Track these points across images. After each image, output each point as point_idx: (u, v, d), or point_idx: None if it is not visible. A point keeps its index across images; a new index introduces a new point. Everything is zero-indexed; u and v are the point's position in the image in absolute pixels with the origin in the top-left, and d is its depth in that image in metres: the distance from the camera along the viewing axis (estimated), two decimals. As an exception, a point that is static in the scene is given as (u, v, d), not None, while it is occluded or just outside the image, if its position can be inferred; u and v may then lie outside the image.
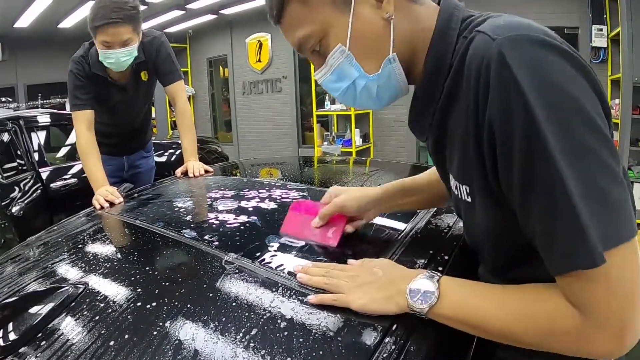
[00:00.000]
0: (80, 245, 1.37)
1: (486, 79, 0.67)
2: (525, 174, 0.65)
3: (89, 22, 2.19)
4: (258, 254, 1.13)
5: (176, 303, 0.93)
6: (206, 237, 1.28)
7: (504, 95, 0.65)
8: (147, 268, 1.13)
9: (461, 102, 0.76)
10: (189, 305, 0.92)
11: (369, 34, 0.82)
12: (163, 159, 4.67)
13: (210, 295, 0.96)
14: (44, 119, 4.13)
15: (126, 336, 0.84)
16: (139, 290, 1.01)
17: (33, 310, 0.98)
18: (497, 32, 0.68)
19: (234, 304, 0.91)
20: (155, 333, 0.84)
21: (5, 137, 3.70)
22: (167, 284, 1.03)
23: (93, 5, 2.19)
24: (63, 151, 4.34)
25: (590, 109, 0.64)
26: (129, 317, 0.90)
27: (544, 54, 0.65)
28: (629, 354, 1.00)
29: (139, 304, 0.95)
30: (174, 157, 4.74)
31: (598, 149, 0.63)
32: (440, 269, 1.06)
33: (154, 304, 0.94)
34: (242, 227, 1.35)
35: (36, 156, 3.73)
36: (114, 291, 1.03)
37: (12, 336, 0.91)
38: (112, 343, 0.83)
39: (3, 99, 9.87)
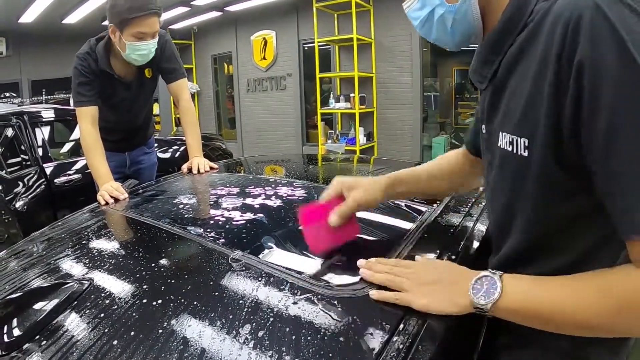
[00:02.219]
0: (85, 241, 1.36)
1: (577, 24, 0.66)
2: (618, 112, 0.63)
3: (120, 14, 2.16)
4: (265, 252, 1.13)
5: (182, 300, 0.93)
6: (212, 233, 1.28)
7: (599, 37, 0.64)
8: (152, 264, 1.12)
9: (531, 59, 0.77)
10: (195, 303, 0.92)
11: None
12: (167, 155, 4.68)
13: (216, 292, 0.96)
14: (48, 114, 4.13)
15: (132, 333, 0.84)
16: (145, 286, 1.00)
17: (38, 306, 0.98)
18: None
19: (240, 301, 0.91)
20: (161, 330, 0.83)
21: (10, 132, 3.70)
22: (173, 280, 1.02)
23: None
24: (67, 147, 4.33)
25: None
26: (134, 314, 0.90)
27: (630, 13, 0.64)
28: (629, 354, 1.00)
29: (144, 300, 0.94)
30: (178, 153, 4.74)
31: None
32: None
33: (159, 300, 0.93)
34: (248, 224, 1.34)
35: (40, 151, 3.73)
36: (119, 288, 1.03)
37: (16, 332, 0.91)
38: (118, 339, 0.82)
39: (7, 94, 9.90)
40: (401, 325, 0.84)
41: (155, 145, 3.35)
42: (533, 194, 0.82)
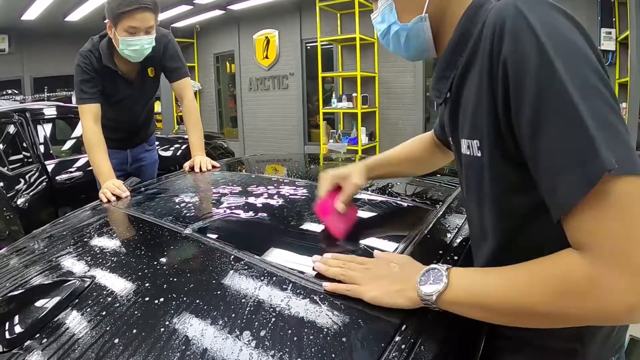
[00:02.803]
0: (86, 239, 1.36)
1: (502, 26, 0.73)
2: (538, 103, 0.68)
3: (113, 9, 2.19)
4: (267, 251, 1.13)
5: (183, 298, 0.93)
6: (214, 231, 1.27)
7: (518, 36, 0.71)
8: (154, 262, 1.12)
9: (475, 69, 0.83)
10: (197, 301, 0.91)
11: None
12: (169, 153, 4.68)
13: (218, 291, 0.96)
14: (50, 111, 4.13)
15: (134, 331, 0.84)
16: (147, 284, 1.00)
17: (39, 303, 0.98)
18: None
19: (242, 300, 0.91)
20: (162, 329, 0.83)
21: (12, 129, 3.70)
22: (175, 279, 1.02)
23: None
24: (69, 144, 4.34)
25: (591, 57, 0.70)
26: (136, 312, 0.90)
27: (553, 12, 0.72)
28: (633, 353, 1.00)
29: (146, 298, 0.94)
30: (180, 151, 4.74)
31: (603, 90, 0.67)
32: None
33: (161, 298, 0.93)
34: (250, 223, 1.34)
35: (42, 148, 3.73)
36: (121, 285, 1.03)
37: (18, 329, 0.90)
38: (119, 337, 0.82)
39: (9, 91, 9.90)
40: (403, 326, 0.84)
41: (157, 143, 3.35)
42: (493, 191, 0.85)
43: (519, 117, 0.71)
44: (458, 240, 1.20)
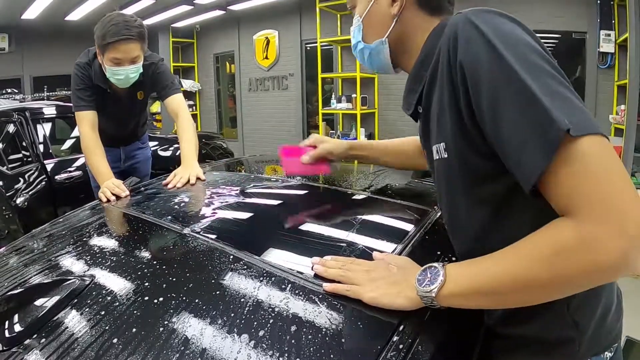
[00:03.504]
0: (86, 238, 1.36)
1: (455, 35, 0.82)
2: (495, 89, 0.74)
3: (99, 39, 2.21)
4: (265, 250, 1.13)
5: (183, 297, 0.93)
6: (213, 231, 1.28)
7: (469, 39, 0.79)
8: (154, 262, 1.12)
9: (439, 76, 0.89)
10: (196, 301, 0.92)
11: (376, 18, 1.11)
12: (168, 153, 4.67)
13: (218, 291, 0.96)
14: (49, 111, 4.13)
15: (133, 330, 0.84)
16: (146, 284, 1.00)
17: (39, 302, 0.98)
18: (465, 10, 0.85)
19: (241, 300, 0.91)
20: (162, 328, 0.84)
21: (11, 128, 3.70)
22: (174, 278, 1.03)
23: (102, 22, 2.21)
24: (68, 143, 4.34)
25: (536, 46, 0.77)
26: (135, 311, 0.90)
27: (499, 18, 0.81)
28: (630, 354, 1.00)
29: (145, 298, 0.95)
30: (179, 152, 4.73)
31: (551, 70, 0.74)
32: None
33: (160, 298, 0.94)
34: (249, 223, 1.35)
35: (41, 148, 3.73)
36: (120, 285, 1.03)
37: (17, 328, 0.91)
38: (118, 337, 0.82)
39: (9, 90, 9.89)
40: (401, 326, 0.84)
41: (156, 143, 3.36)
42: (463, 186, 0.90)
43: (479, 107, 0.77)
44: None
